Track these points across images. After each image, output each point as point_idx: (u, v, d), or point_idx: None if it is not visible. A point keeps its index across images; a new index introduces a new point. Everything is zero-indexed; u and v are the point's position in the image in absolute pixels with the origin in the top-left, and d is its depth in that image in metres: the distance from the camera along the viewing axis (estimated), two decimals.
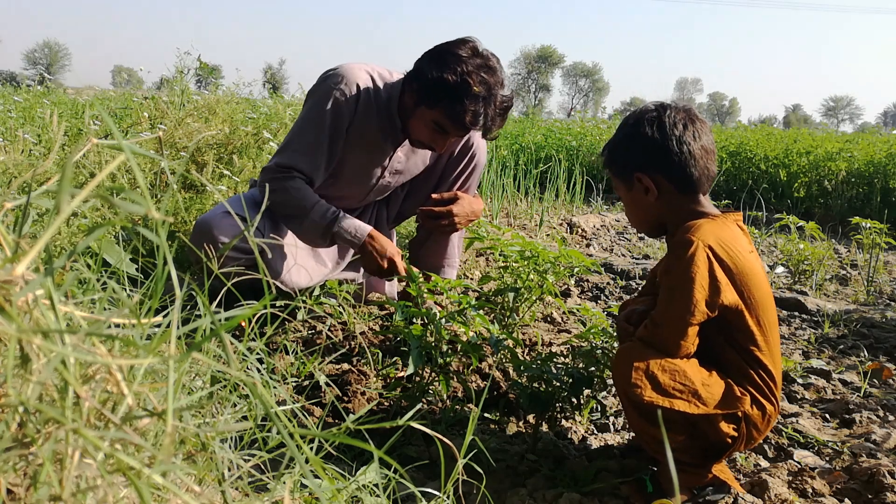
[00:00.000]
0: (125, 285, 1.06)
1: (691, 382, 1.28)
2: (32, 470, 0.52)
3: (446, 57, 1.95)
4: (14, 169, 2.05)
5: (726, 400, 1.29)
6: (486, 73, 1.93)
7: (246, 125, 3.33)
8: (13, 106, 4.83)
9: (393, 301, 1.83)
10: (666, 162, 1.37)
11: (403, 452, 1.51)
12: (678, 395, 1.27)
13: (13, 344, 0.46)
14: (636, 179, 1.41)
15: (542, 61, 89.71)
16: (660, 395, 1.27)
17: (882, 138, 7.96)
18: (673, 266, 1.31)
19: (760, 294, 1.33)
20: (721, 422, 1.31)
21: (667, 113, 1.38)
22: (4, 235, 0.53)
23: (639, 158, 1.41)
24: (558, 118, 13.64)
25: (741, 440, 1.33)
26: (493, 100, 1.95)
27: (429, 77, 1.93)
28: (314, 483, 0.56)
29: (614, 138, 1.48)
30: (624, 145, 1.44)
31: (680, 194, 1.39)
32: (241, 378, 0.53)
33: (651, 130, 1.38)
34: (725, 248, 1.30)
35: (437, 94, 1.93)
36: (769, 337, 1.34)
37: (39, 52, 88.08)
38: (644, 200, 1.42)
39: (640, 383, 1.27)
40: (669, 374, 1.28)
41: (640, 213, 1.47)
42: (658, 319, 1.32)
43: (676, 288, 1.29)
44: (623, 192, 1.47)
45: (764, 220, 5.12)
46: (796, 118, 79.79)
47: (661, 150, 1.37)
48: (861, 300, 3.30)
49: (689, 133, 1.37)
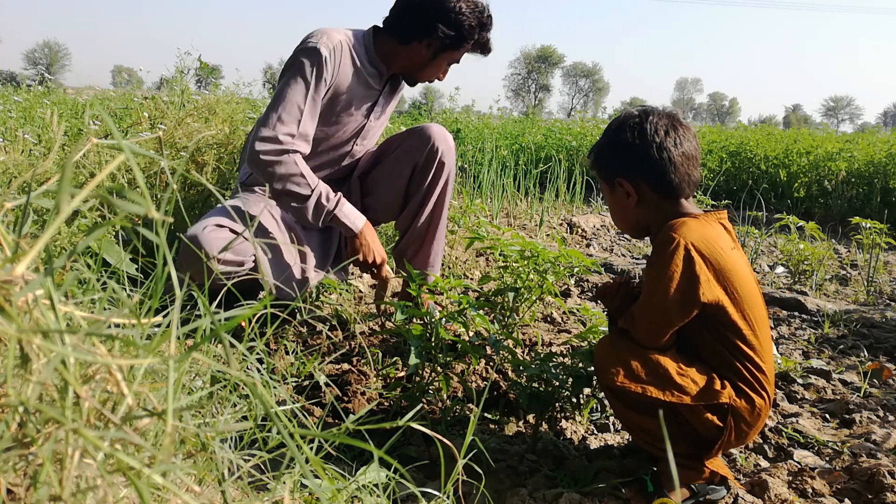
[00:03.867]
0: (125, 285, 1.06)
1: (664, 370, 1.32)
2: (32, 470, 0.52)
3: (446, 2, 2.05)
4: (14, 169, 2.05)
5: (706, 391, 1.32)
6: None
7: (246, 125, 3.33)
8: (13, 106, 4.83)
9: (393, 301, 1.83)
10: (646, 168, 1.40)
11: (403, 452, 1.51)
12: (651, 382, 1.31)
13: (13, 344, 0.46)
14: (617, 184, 1.45)
15: (542, 61, 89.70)
16: (631, 381, 1.31)
17: (882, 138, 7.96)
18: (654, 262, 1.34)
19: (745, 289, 1.35)
20: (705, 413, 1.33)
21: (648, 119, 1.40)
22: (4, 235, 0.53)
23: (620, 163, 1.44)
24: (558, 118, 13.64)
25: (728, 432, 1.34)
26: (489, 25, 2.12)
27: (455, 19, 2.03)
28: (314, 483, 0.56)
29: (599, 141, 1.51)
30: (607, 149, 1.47)
31: (660, 199, 1.42)
32: (241, 378, 0.53)
33: (632, 136, 1.40)
34: (708, 245, 1.33)
35: (462, 34, 2.05)
36: (758, 332, 1.36)
37: (39, 52, 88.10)
38: (625, 204, 1.46)
39: (614, 370, 1.33)
40: (642, 362, 1.33)
41: (622, 216, 1.50)
42: (636, 313, 1.37)
43: (656, 284, 1.32)
44: (607, 194, 1.51)
45: (764, 220, 5.12)
46: (796, 118, 79.80)
47: (641, 156, 1.40)
48: (861, 300, 3.30)
49: (671, 139, 1.39)
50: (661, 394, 1.30)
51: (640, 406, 1.35)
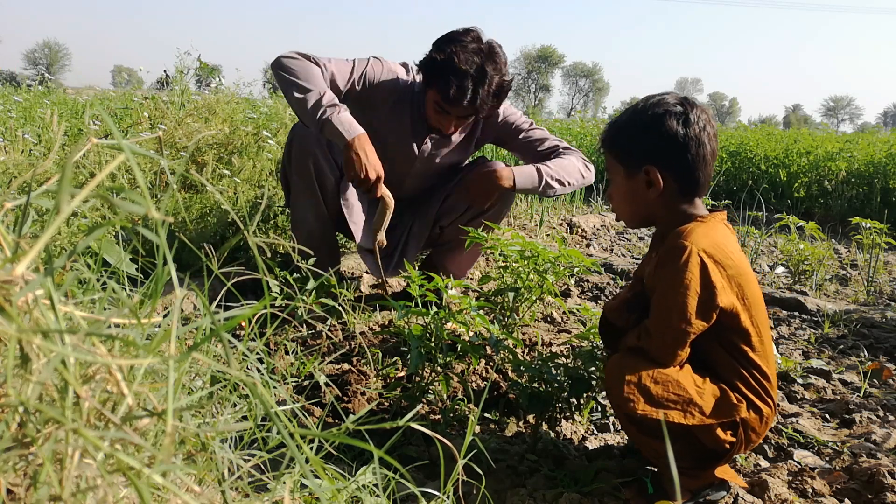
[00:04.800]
0: (125, 285, 1.06)
1: (685, 392, 1.26)
2: (32, 470, 0.52)
3: (443, 41, 2.11)
4: (14, 169, 2.05)
5: (722, 407, 1.28)
6: (477, 54, 2.06)
7: (246, 125, 3.33)
8: (13, 106, 4.83)
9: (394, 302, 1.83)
10: (681, 160, 1.33)
11: (403, 452, 1.51)
12: (672, 406, 1.25)
13: (13, 344, 0.46)
14: (643, 171, 1.36)
15: (542, 61, 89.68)
16: (653, 407, 1.25)
17: (882, 138, 7.95)
18: (667, 273, 1.28)
19: (752, 291, 1.32)
20: (717, 429, 1.29)
21: (694, 111, 1.33)
22: (4, 235, 0.53)
23: (653, 150, 1.35)
24: (558, 118, 13.64)
25: (739, 445, 1.32)
26: (484, 79, 2.07)
27: (426, 59, 2.12)
28: (314, 483, 0.56)
29: (625, 122, 1.40)
30: (639, 133, 1.36)
31: (680, 195, 1.37)
32: (241, 378, 0.53)
33: (676, 125, 1.32)
34: (719, 250, 1.28)
35: (431, 73, 2.09)
36: (763, 336, 1.33)
37: (39, 52, 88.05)
38: (643, 193, 1.37)
39: (633, 397, 1.25)
40: (662, 386, 1.26)
41: (632, 205, 1.41)
42: (652, 328, 1.30)
43: (670, 296, 1.26)
44: (620, 177, 1.41)
45: (764, 220, 5.12)
46: (796, 118, 79.74)
47: (680, 148, 1.32)
48: (861, 300, 3.30)
49: (706, 135, 1.33)
50: (683, 417, 1.25)
51: (657, 431, 1.28)
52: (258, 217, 0.83)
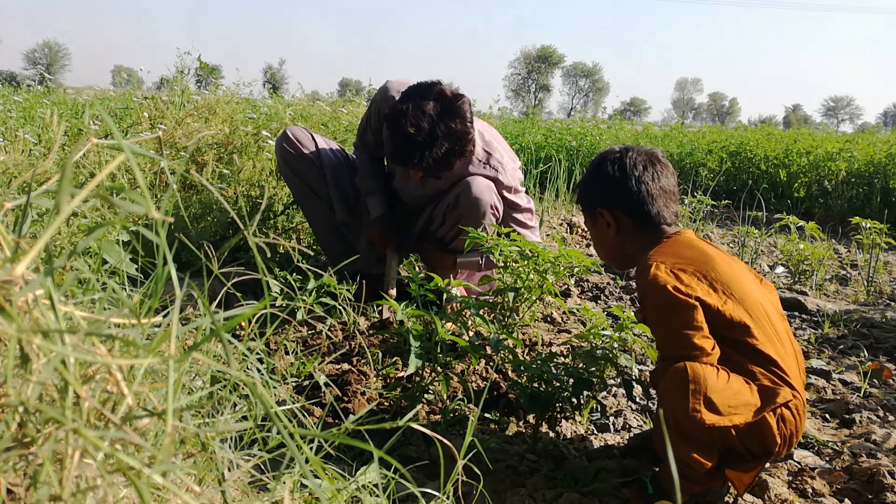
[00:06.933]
0: (125, 285, 1.06)
1: (740, 393, 1.25)
2: (32, 470, 0.52)
3: (403, 96, 2.09)
4: (14, 169, 2.05)
5: (766, 395, 1.27)
6: (425, 118, 2.00)
7: (246, 125, 3.32)
8: (13, 106, 4.83)
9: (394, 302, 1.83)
10: (625, 199, 1.50)
11: (403, 452, 1.51)
12: (734, 412, 1.24)
13: (13, 344, 0.46)
14: (598, 214, 1.54)
15: (542, 61, 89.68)
16: (717, 415, 1.23)
17: (882, 138, 7.94)
18: (645, 293, 1.37)
19: (738, 286, 1.35)
20: (772, 422, 1.26)
21: (629, 154, 1.52)
22: (4, 235, 0.53)
23: (601, 195, 1.54)
24: (558, 118, 13.62)
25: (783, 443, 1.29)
26: (432, 143, 2.02)
27: (390, 107, 2.12)
28: (314, 483, 0.56)
29: (584, 176, 1.63)
30: (589, 182, 1.59)
31: (640, 229, 1.50)
32: (241, 378, 0.53)
33: (612, 169, 1.52)
34: (677, 254, 1.39)
35: (386, 125, 2.09)
36: (763, 326, 1.33)
37: (39, 52, 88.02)
38: (605, 233, 1.55)
39: (697, 408, 1.22)
40: (720, 394, 1.23)
41: (603, 246, 1.59)
42: (665, 352, 1.33)
43: (661, 307, 1.33)
44: (590, 226, 1.61)
45: (764, 220, 5.12)
46: (796, 118, 79.72)
47: (620, 188, 1.50)
48: (861, 300, 3.30)
49: (649, 174, 1.50)
50: (743, 418, 1.24)
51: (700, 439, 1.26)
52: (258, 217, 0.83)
